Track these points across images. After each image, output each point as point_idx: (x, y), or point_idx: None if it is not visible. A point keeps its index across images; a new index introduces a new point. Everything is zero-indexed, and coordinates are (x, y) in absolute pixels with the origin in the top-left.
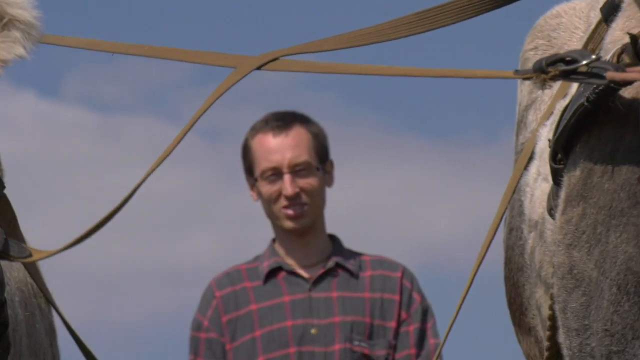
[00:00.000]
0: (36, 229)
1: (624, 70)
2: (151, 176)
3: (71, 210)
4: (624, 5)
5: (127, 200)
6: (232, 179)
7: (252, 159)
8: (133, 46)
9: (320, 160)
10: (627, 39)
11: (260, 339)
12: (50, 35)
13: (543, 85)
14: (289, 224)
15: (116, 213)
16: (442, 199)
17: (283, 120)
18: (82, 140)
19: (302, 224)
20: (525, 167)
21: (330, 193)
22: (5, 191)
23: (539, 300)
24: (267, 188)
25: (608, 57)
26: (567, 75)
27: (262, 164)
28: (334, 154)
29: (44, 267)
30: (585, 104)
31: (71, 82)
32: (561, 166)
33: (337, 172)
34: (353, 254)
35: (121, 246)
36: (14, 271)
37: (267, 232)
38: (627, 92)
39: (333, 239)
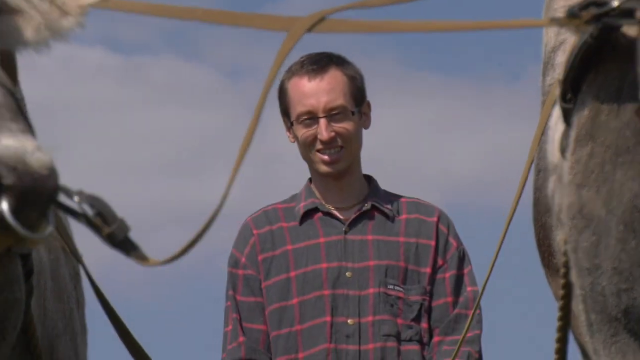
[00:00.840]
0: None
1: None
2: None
3: (95, 151)
4: None
5: (224, 200)
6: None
7: (288, 102)
8: (187, 10)
9: (357, 103)
10: None
11: (295, 279)
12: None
13: (578, 30)
14: (324, 168)
15: (215, 217)
16: (464, 135)
17: (318, 64)
18: (105, 82)
19: (337, 169)
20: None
21: None
22: None
23: (560, 243)
24: (302, 132)
25: None
26: (600, 18)
27: (298, 107)
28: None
29: None
30: (589, 40)
31: (92, 24)
32: (571, 106)
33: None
34: (389, 196)
35: (144, 187)
36: None
37: (288, 172)
38: (631, 30)
39: (369, 180)
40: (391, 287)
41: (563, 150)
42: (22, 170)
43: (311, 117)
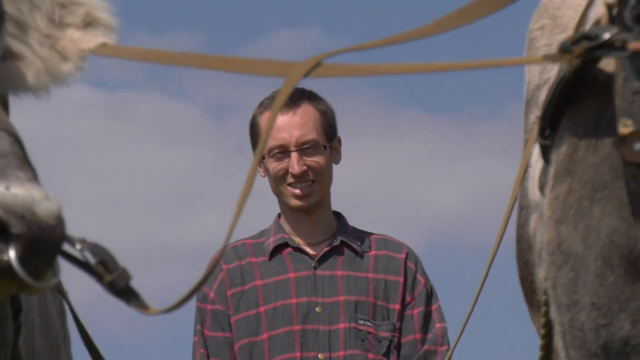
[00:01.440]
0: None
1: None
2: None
3: (80, 187)
4: None
5: (228, 240)
6: (239, 154)
7: (259, 136)
8: (183, 56)
9: (328, 139)
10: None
11: (265, 315)
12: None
13: (570, 64)
14: (295, 202)
15: (218, 261)
16: (446, 172)
17: (291, 98)
18: (90, 118)
19: (308, 202)
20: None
21: (335, 168)
22: None
23: (541, 280)
24: (274, 165)
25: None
26: (591, 52)
27: (270, 142)
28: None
29: None
30: (567, 75)
31: None
32: (549, 142)
33: (342, 148)
34: (358, 232)
35: (132, 224)
36: None
37: (274, 208)
38: (608, 66)
39: (338, 216)
40: (362, 322)
41: (542, 187)
42: (30, 219)
43: (283, 151)
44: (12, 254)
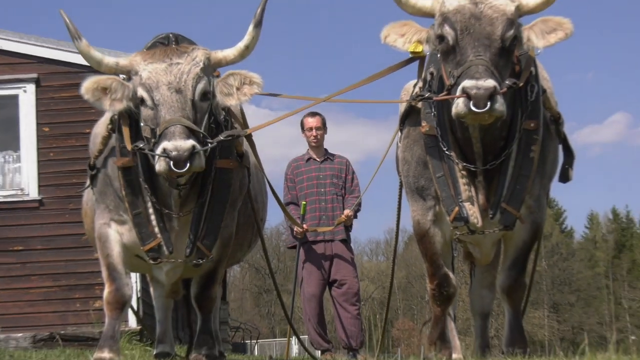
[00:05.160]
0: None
1: (435, 96)
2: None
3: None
4: (418, 81)
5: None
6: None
7: (303, 124)
8: (303, 97)
9: (324, 127)
10: (417, 89)
11: (305, 179)
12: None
13: (416, 105)
14: (312, 145)
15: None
16: (376, 137)
17: (313, 114)
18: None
19: (317, 145)
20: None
21: (332, 135)
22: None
23: (400, 169)
24: (308, 134)
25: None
26: (422, 100)
27: (306, 125)
28: (343, 123)
29: None
30: (408, 107)
31: None
32: (402, 127)
33: (344, 128)
34: (332, 154)
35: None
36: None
37: (301, 145)
38: (419, 105)
39: (326, 149)
40: (335, 180)
41: (400, 140)
42: (176, 151)
43: (310, 129)
44: (171, 163)
